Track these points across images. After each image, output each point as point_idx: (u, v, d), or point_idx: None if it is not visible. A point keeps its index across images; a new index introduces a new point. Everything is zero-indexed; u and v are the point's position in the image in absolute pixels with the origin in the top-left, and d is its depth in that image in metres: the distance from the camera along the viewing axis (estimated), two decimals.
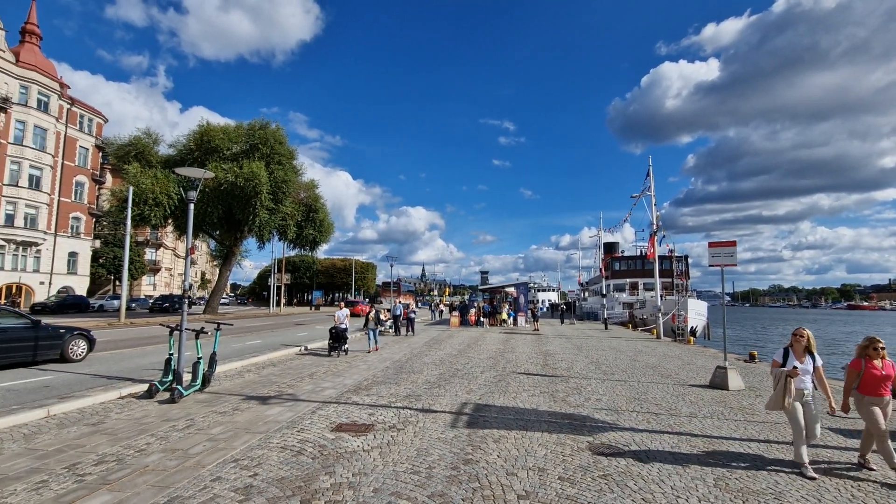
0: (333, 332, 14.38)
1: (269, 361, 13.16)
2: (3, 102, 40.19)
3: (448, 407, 7.90)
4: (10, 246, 41.27)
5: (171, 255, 70.98)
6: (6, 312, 11.47)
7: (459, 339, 21.32)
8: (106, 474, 4.80)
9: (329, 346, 14.42)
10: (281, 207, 36.16)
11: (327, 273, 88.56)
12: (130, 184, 29.81)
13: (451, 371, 11.82)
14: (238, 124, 36.88)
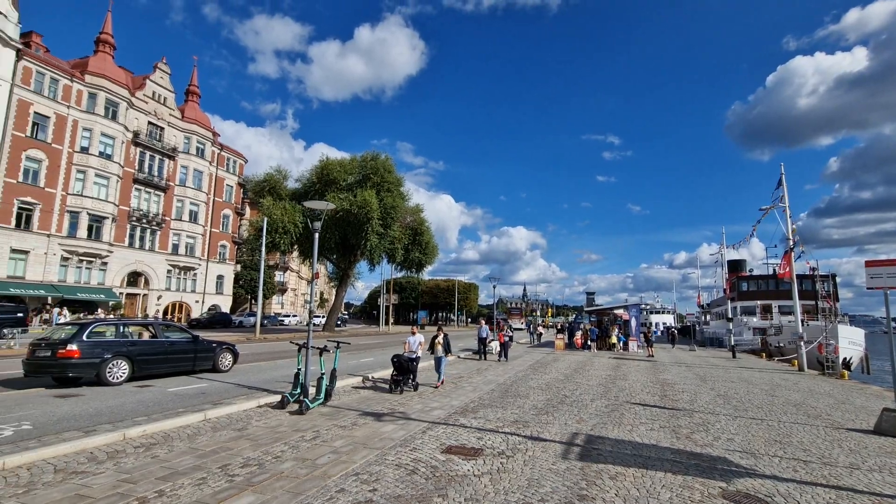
0: (396, 361, 11.50)
1: (380, 378, 13.90)
2: (172, 151, 48.73)
3: (558, 436, 7.64)
4: (175, 270, 49.34)
5: (295, 277, 78.98)
6: (175, 328, 13.71)
7: (565, 362, 20.54)
8: (250, 476, 5.44)
9: (392, 378, 11.60)
10: (389, 232, 38.47)
11: (431, 293, 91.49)
12: (265, 215, 34.00)
13: (559, 397, 11.42)
14: (352, 157, 40.36)
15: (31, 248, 37.45)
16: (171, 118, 49.44)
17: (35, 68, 37.99)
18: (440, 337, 12.85)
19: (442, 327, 13.57)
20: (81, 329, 11.03)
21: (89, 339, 10.90)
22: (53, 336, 11.12)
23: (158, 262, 47.68)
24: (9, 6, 36.31)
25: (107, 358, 10.93)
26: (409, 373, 11.59)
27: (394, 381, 11.53)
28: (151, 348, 12.18)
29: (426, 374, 14.13)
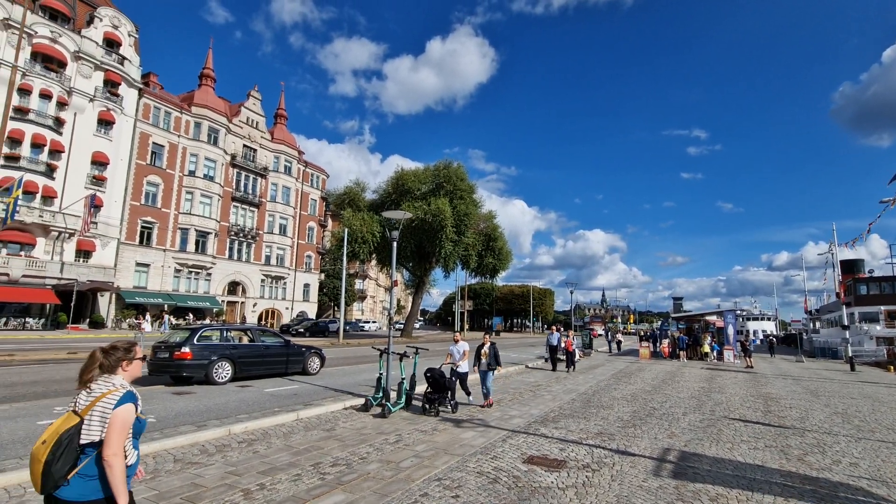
0: (430, 376, 9.55)
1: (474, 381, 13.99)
2: (264, 171, 53.13)
3: (647, 451, 7.20)
4: (267, 279, 53.57)
5: (374, 285, 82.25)
6: (270, 333, 14.88)
7: (652, 372, 19.33)
8: (340, 475, 5.73)
9: (425, 397, 9.63)
10: (463, 239, 38.82)
11: (506, 299, 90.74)
12: (345, 226, 35.84)
13: (647, 409, 10.77)
14: (426, 166, 41.36)
15: (151, 262, 42.60)
16: (263, 140, 54.02)
17: (153, 104, 43.42)
18: (486, 346, 10.74)
19: (489, 335, 11.40)
20: (192, 333, 12.33)
21: (199, 343, 12.15)
22: (170, 340, 12.53)
23: (253, 272, 52.06)
24: (132, 52, 41.90)
25: (213, 360, 12.11)
26: (446, 390, 9.70)
27: (427, 400, 9.57)
28: (250, 351, 13.30)
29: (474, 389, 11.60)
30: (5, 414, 8.21)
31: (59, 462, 2.25)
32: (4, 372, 13.73)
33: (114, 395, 2.38)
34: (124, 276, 40.26)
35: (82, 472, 2.31)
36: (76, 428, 2.31)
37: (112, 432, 2.30)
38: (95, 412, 2.33)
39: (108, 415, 2.32)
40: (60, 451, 2.26)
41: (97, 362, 2.47)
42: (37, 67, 34.76)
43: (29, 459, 2.39)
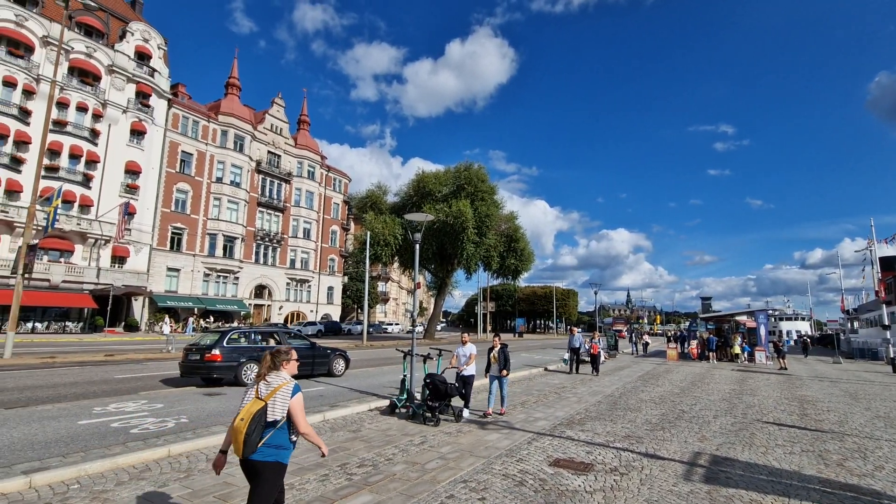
0: (430, 382, 8.90)
1: (482, 387, 13.97)
2: (288, 176, 54.16)
3: (677, 454, 7.05)
4: (293, 283, 54.54)
5: (396, 287, 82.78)
6: (296, 336, 15.14)
7: (680, 374, 18.89)
8: (366, 476, 5.79)
9: (425, 404, 8.85)
10: (485, 240, 38.74)
11: (528, 301, 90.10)
12: (367, 229, 36.21)
13: (675, 412, 10.54)
14: (446, 168, 41.49)
15: (181, 267, 43.91)
16: (286, 146, 55.10)
17: (181, 114, 44.81)
18: (496, 350, 9.79)
19: (499, 336, 10.34)
20: (222, 336, 12.66)
21: (228, 346, 12.47)
22: (201, 342, 12.89)
23: (279, 276, 53.08)
24: (162, 64, 43.34)
25: (242, 361, 12.41)
26: (447, 397, 8.96)
27: (428, 409, 8.75)
28: None
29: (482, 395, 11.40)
30: (48, 414, 8.59)
31: (254, 434, 3.12)
32: (47, 373, 14.36)
33: (287, 387, 3.29)
34: (156, 281, 41.61)
35: (268, 443, 3.19)
36: (262, 409, 3.17)
37: (298, 415, 3.29)
38: (278, 398, 3.23)
39: (288, 400, 3.25)
40: (254, 426, 3.12)
41: (268, 362, 3.39)
42: (74, 82, 36.36)
43: (231, 433, 3.22)
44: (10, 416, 8.25)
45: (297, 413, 3.26)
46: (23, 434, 7.16)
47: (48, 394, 10.91)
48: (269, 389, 3.25)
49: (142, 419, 8.33)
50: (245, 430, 3.10)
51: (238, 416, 3.18)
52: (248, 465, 3.22)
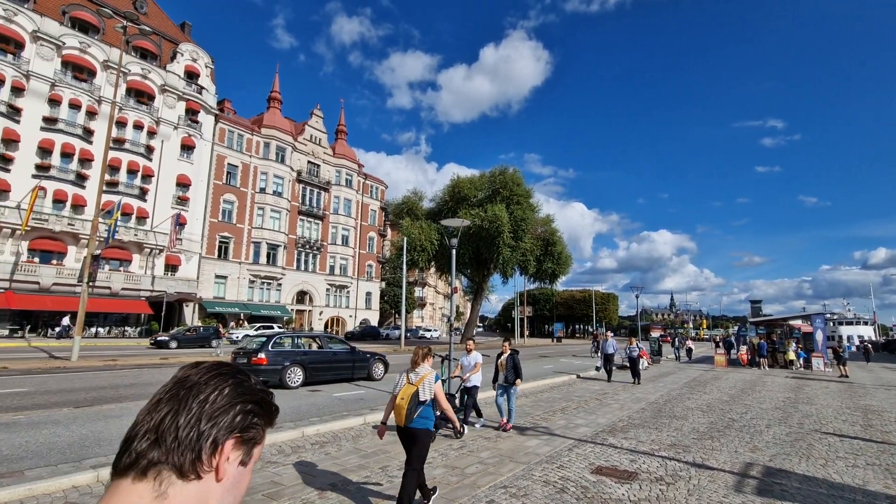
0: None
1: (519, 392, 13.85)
2: (326, 185, 55.67)
3: (727, 465, 6.76)
4: (332, 288, 55.87)
5: (433, 292, 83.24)
6: (337, 340, 15.53)
7: (729, 381, 18.05)
8: None
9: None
10: (521, 244, 38.43)
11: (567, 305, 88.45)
12: (404, 235, 36.68)
13: (724, 421, 10.09)
14: (481, 173, 41.50)
15: (228, 274, 45.86)
16: (325, 156, 56.70)
17: (227, 128, 46.98)
18: (504, 356, 8.88)
19: (509, 342, 9.23)
20: (267, 341, 13.15)
21: (273, 349, 12.94)
22: (248, 346, 13.44)
23: (319, 282, 54.51)
24: (209, 82, 45.66)
25: (286, 365, 12.84)
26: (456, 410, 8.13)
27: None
28: (319, 358, 13.97)
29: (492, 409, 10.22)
30: (112, 413, 9.19)
31: (411, 409, 4.48)
32: (110, 375, 15.35)
33: (431, 376, 4.67)
34: (205, 288, 43.64)
35: (421, 415, 4.54)
36: (416, 392, 4.52)
37: (439, 396, 4.70)
38: (425, 383, 4.59)
39: (432, 385, 4.63)
40: (412, 403, 4.48)
41: (419, 356, 4.77)
42: (131, 102, 38.86)
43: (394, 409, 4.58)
44: (79, 415, 8.88)
45: (438, 394, 4.68)
46: (91, 431, 7.71)
47: (111, 394, 11.66)
48: (417, 377, 4.64)
49: None
50: (406, 406, 4.46)
51: (398, 396, 4.57)
52: (407, 432, 4.57)
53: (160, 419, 0.72)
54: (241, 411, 0.77)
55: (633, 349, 16.67)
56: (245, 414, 0.77)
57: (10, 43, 33.43)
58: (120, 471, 0.70)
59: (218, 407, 0.75)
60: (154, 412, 0.73)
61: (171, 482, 0.69)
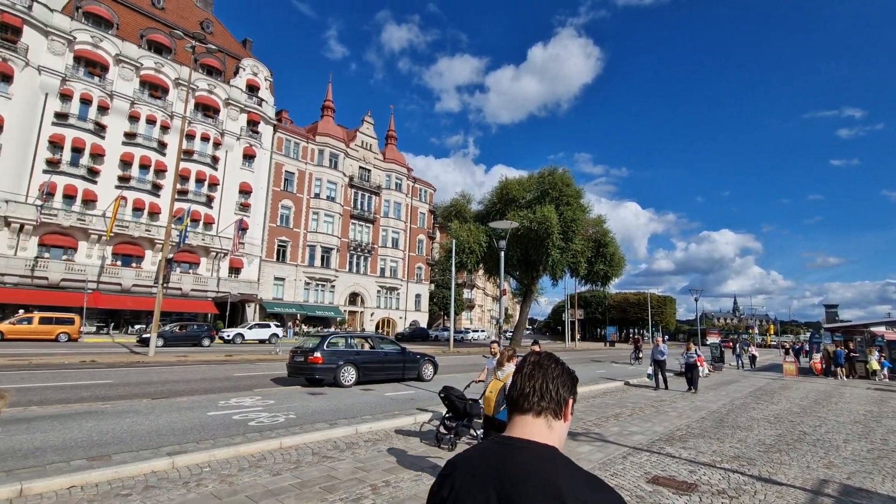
0: (445, 396, 7.66)
1: None
2: (377, 189, 57.10)
3: (798, 481, 6.33)
4: (383, 290, 57.16)
5: (481, 294, 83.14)
6: (388, 341, 15.93)
7: (800, 391, 16.78)
8: None
9: (442, 423, 7.70)
10: (571, 245, 37.65)
11: (620, 308, 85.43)
12: (453, 237, 36.95)
13: (795, 434, 9.42)
14: (530, 174, 41.07)
15: (286, 276, 48.08)
16: (376, 161, 58.20)
17: (284, 137, 49.36)
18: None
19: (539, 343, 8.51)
20: (322, 340, 13.70)
21: (328, 349, 13.46)
22: (304, 346, 14.06)
23: (370, 284, 55.95)
24: (268, 94, 48.19)
25: (340, 364, 13.32)
26: (465, 416, 7.62)
27: (445, 427, 7.56)
28: (371, 358, 14.38)
29: None
30: (184, 405, 9.93)
31: (499, 401, 5.13)
32: (181, 370, 16.56)
33: None
34: (265, 289, 45.99)
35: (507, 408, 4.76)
36: (503, 386, 5.15)
37: None
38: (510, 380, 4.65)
39: None
40: (499, 397, 5.12)
41: (506, 356, 5.54)
42: (199, 115, 41.76)
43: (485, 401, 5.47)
44: (156, 406, 9.67)
45: None
46: (166, 422, 8.37)
47: (183, 388, 12.59)
48: (504, 374, 5.35)
49: (257, 413, 9.32)
50: (494, 398, 5.22)
51: (488, 389, 5.37)
52: (495, 422, 5.20)
53: (540, 385, 1.27)
54: (572, 382, 1.33)
55: (690, 355, 15.67)
56: (573, 383, 1.33)
57: (97, 66, 36.89)
58: (524, 411, 1.26)
59: (565, 379, 1.31)
60: (531, 380, 1.29)
61: (552, 420, 1.25)
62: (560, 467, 1.12)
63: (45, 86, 34.14)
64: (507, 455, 1.17)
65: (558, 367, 1.33)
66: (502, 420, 5.00)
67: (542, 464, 1.13)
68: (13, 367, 15.37)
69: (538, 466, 1.12)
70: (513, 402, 1.29)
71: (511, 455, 1.17)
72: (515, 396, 1.29)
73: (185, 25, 41.37)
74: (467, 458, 1.24)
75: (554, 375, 1.30)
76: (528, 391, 1.27)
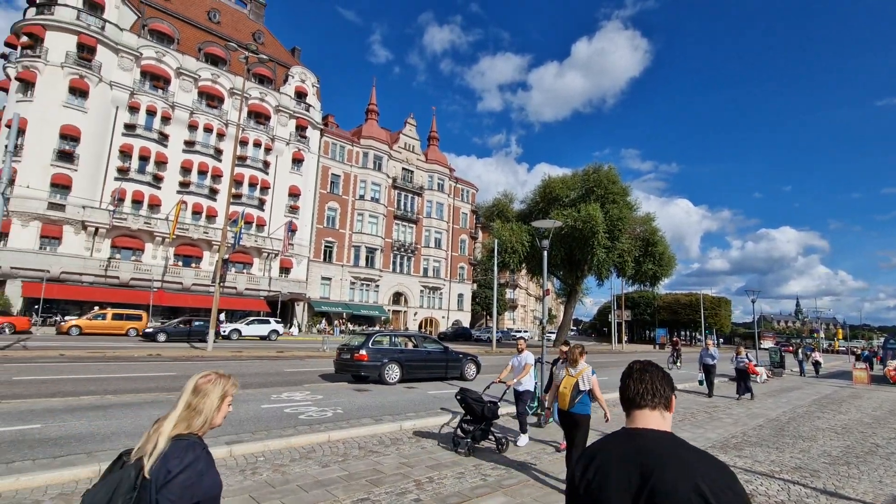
0: (462, 398, 7.19)
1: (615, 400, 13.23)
2: (420, 190, 57.77)
3: (869, 496, 5.90)
4: (426, 290, 57.77)
5: (524, 294, 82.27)
6: (431, 340, 16.14)
7: (873, 400, 15.53)
8: (500, 479, 5.98)
9: (459, 426, 7.24)
10: (617, 245, 36.60)
11: (670, 309, 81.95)
12: (495, 237, 36.82)
13: (866, 446, 8.76)
14: (574, 172, 40.30)
15: (332, 276, 49.56)
16: (418, 162, 58.92)
17: (330, 141, 50.90)
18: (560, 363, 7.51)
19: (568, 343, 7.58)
20: (367, 339, 14.07)
21: (373, 347, 13.81)
22: (350, 344, 14.49)
23: (413, 284, 56.67)
24: (315, 99, 49.86)
25: (385, 362, 13.62)
26: (485, 420, 7.06)
27: (462, 430, 7.12)
28: (414, 356, 14.61)
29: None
30: (239, 398, 10.47)
31: (573, 396, 5.45)
32: (237, 364, 17.48)
33: (588, 370, 5.64)
34: (313, 288, 47.62)
35: (580, 402, 5.47)
36: (576, 382, 5.51)
37: (595, 388, 5.64)
38: (584, 376, 5.55)
39: (590, 378, 5.59)
40: (573, 392, 5.47)
41: (576, 354, 5.71)
42: (251, 123, 43.82)
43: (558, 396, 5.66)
44: None
45: (595, 386, 5.61)
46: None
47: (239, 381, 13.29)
48: (576, 371, 5.61)
49: (307, 407, 9.71)
50: (569, 394, 5.47)
51: (561, 385, 5.58)
52: (569, 416, 5.47)
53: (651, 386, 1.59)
54: (671, 382, 1.64)
55: (740, 360, 14.79)
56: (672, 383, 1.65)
57: (160, 79, 39.51)
58: (641, 407, 1.58)
59: (668, 380, 1.63)
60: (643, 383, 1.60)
61: (664, 412, 1.58)
62: (683, 447, 1.46)
63: (115, 99, 36.93)
64: (638, 441, 1.50)
65: (659, 372, 1.64)
66: (576, 413, 5.41)
67: (669, 445, 1.46)
68: (91, 359, 16.77)
69: (667, 447, 1.45)
70: (629, 400, 1.62)
71: (642, 440, 1.50)
72: (632, 396, 1.61)
73: (239, 37, 43.54)
74: (604, 445, 1.57)
75: (658, 378, 1.61)
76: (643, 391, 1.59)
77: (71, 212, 34.14)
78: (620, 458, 1.47)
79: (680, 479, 1.33)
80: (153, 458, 1.66)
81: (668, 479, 1.34)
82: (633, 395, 1.60)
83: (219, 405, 1.91)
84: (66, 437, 6.72)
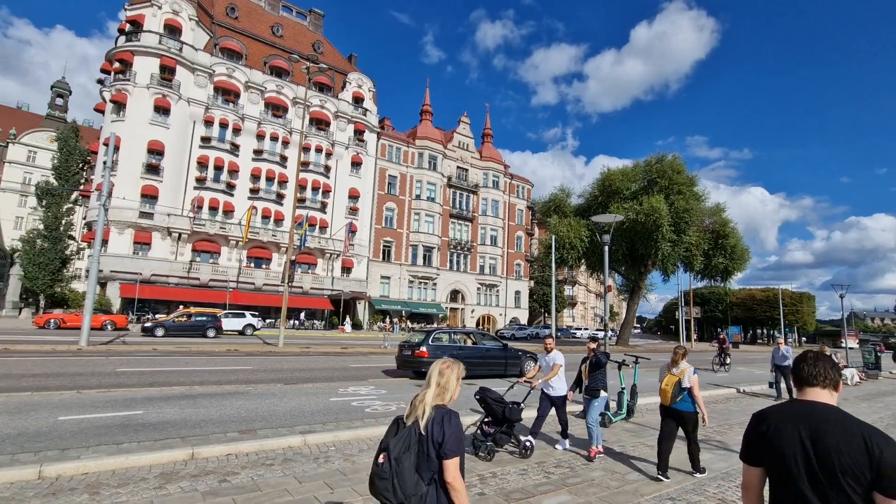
0: (481, 398, 6.97)
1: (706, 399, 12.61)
2: (474, 187, 57.85)
3: None
4: (482, 288, 57.81)
5: (583, 291, 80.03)
6: (489, 337, 16.21)
7: None
8: (563, 477, 5.95)
9: (480, 428, 6.93)
10: (684, 238, 34.74)
11: (744, 305, 76.31)
12: (552, 233, 36.15)
13: None
14: (635, 163, 38.65)
15: (391, 275, 50.87)
16: (472, 160, 59.02)
17: (387, 143, 52.21)
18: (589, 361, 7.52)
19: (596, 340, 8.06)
20: (427, 336, 14.36)
21: (432, 344, 14.09)
22: (411, 340, 14.86)
23: (470, 281, 56.90)
24: (372, 104, 51.35)
25: None
26: (506, 422, 6.70)
27: (483, 433, 6.74)
28: (473, 353, 14.74)
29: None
30: (310, 391, 11.11)
31: (675, 394, 5.88)
32: (305, 360, 18.47)
33: (690, 370, 5.94)
34: (373, 287, 49.16)
35: (683, 399, 5.88)
36: (678, 380, 5.88)
37: (696, 387, 5.92)
38: (685, 375, 5.87)
39: (691, 377, 5.86)
40: (675, 389, 5.89)
41: (679, 355, 6.13)
42: (313, 129, 45.94)
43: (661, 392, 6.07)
44: (288, 391, 10.97)
45: (695, 385, 5.90)
46: (297, 404, 9.47)
47: (308, 375, 14.06)
48: (678, 370, 5.94)
49: (372, 401, 10.12)
50: (671, 391, 5.88)
51: (664, 382, 5.96)
52: (672, 412, 5.93)
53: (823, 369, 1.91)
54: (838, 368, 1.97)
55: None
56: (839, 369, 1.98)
57: (231, 94, 42.41)
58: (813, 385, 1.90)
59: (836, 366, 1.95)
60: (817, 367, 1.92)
61: (832, 391, 1.91)
62: (849, 416, 1.79)
63: (192, 114, 40.11)
64: (808, 407, 1.86)
65: (829, 360, 1.96)
66: (678, 409, 5.88)
67: (837, 412, 1.79)
68: (179, 353, 18.41)
69: (835, 413, 1.78)
70: (804, 379, 1.94)
71: (812, 407, 1.85)
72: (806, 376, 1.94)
73: (300, 48, 45.74)
74: (776, 409, 1.95)
75: (829, 364, 1.93)
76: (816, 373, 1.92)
77: (158, 219, 37.54)
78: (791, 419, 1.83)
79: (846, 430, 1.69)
80: (425, 420, 2.31)
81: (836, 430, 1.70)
82: (806, 376, 1.93)
83: (456, 384, 2.47)
84: (163, 423, 7.48)
